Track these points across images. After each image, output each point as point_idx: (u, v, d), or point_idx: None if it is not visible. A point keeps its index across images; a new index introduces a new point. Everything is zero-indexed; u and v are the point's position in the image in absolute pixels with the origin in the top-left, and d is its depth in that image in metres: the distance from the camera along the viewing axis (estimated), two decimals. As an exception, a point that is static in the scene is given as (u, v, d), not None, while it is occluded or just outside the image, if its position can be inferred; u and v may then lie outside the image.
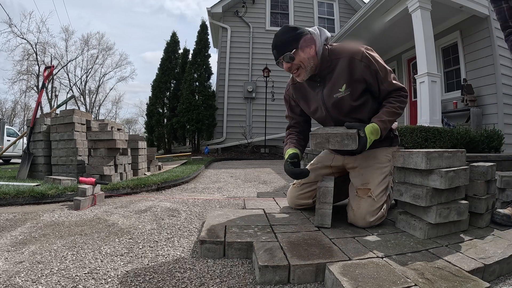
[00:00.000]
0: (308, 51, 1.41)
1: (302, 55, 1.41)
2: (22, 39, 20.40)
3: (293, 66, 1.43)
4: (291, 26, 1.44)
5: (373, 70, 1.42)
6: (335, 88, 1.46)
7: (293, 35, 1.40)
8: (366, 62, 1.42)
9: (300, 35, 1.41)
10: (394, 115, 1.43)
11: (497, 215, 1.38)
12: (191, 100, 8.23)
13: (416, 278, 0.88)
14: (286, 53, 1.40)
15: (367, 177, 1.47)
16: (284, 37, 1.40)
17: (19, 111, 28.38)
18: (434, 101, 4.13)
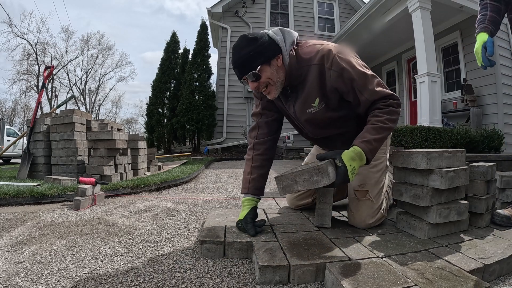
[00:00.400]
0: (274, 63, 1.21)
1: (268, 71, 1.21)
2: (22, 39, 20.42)
3: (260, 84, 1.23)
4: (250, 37, 1.20)
5: (347, 79, 1.19)
6: (308, 102, 1.26)
7: (254, 48, 1.17)
8: (337, 69, 1.18)
9: (263, 46, 1.18)
10: (383, 131, 1.16)
11: (497, 216, 1.38)
12: (191, 100, 8.23)
13: (416, 278, 0.88)
14: (250, 72, 1.19)
15: (363, 177, 1.40)
16: (244, 52, 1.18)
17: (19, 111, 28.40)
18: (434, 101, 4.13)
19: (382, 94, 1.20)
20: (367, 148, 1.13)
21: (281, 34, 1.24)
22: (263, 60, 1.19)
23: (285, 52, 1.23)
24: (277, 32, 1.24)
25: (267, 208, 1.77)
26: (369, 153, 1.14)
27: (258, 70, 1.19)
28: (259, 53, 1.18)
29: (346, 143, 1.25)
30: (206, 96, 8.34)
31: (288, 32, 1.27)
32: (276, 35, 1.23)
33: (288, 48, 1.24)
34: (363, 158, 1.14)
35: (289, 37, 1.26)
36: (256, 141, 1.44)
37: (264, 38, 1.21)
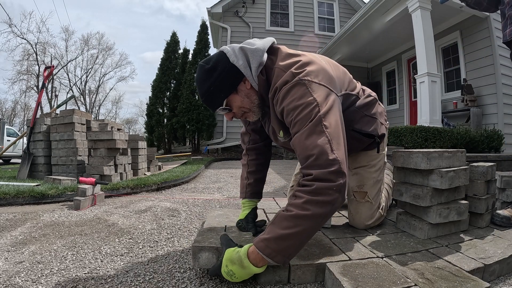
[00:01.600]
0: (242, 89, 1.07)
1: (238, 99, 1.08)
2: (22, 39, 20.45)
3: (236, 115, 1.13)
4: (207, 67, 1.05)
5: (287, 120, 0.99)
6: (276, 131, 1.15)
7: (213, 81, 1.04)
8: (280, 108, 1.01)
9: (221, 76, 1.04)
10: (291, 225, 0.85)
11: (497, 216, 1.38)
12: (191, 100, 8.23)
13: (416, 278, 0.88)
14: (218, 108, 1.09)
15: (361, 178, 1.37)
16: (205, 87, 1.05)
17: (19, 111, 28.41)
18: (434, 101, 4.13)
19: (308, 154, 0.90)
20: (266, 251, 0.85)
21: (243, 57, 1.05)
22: (227, 92, 1.06)
23: (250, 78, 1.06)
24: (238, 55, 1.05)
25: (267, 208, 1.77)
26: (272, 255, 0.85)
27: (225, 104, 1.08)
28: (220, 86, 1.05)
29: None
30: (206, 96, 8.34)
31: (253, 51, 1.05)
32: (237, 59, 1.04)
33: (255, 72, 1.05)
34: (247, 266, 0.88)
35: (254, 59, 1.05)
36: (248, 147, 1.40)
37: (223, 66, 1.04)
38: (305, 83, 0.96)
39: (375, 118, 1.29)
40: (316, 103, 0.93)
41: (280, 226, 0.86)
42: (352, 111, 1.21)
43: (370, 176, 1.37)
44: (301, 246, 0.89)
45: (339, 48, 7.19)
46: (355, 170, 1.40)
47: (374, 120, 1.28)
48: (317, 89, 0.96)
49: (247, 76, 1.06)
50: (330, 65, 1.12)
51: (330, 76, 1.04)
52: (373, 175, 1.37)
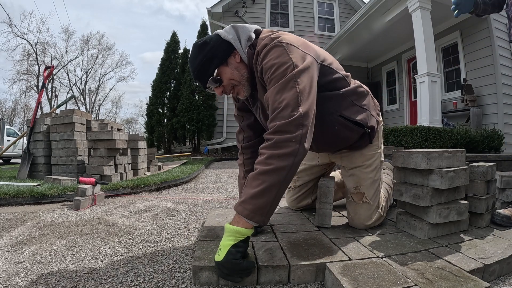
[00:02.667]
0: (232, 61, 1.13)
1: (228, 71, 1.13)
2: (22, 39, 20.44)
3: (225, 88, 1.16)
4: (200, 43, 1.12)
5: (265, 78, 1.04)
6: (264, 108, 1.15)
7: (206, 53, 1.10)
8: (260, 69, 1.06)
9: (214, 48, 1.10)
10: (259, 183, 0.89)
11: (497, 216, 1.38)
12: (191, 100, 8.23)
13: (416, 278, 0.88)
14: (210, 78, 1.11)
15: (358, 179, 1.36)
16: (198, 61, 1.11)
17: (19, 111, 28.41)
18: (434, 101, 4.13)
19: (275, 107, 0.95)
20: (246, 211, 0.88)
21: (234, 32, 1.14)
22: (217, 62, 1.11)
23: (240, 50, 1.12)
24: (229, 31, 1.14)
25: (267, 208, 1.77)
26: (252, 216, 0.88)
27: (216, 74, 1.12)
28: (212, 56, 1.10)
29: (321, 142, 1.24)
30: (206, 96, 8.35)
31: (242, 27, 1.15)
32: (227, 34, 1.13)
33: (245, 45, 1.12)
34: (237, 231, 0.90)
35: (243, 33, 1.13)
36: (243, 145, 1.39)
37: (215, 40, 1.12)
38: (283, 45, 1.03)
39: (365, 109, 1.28)
40: (291, 62, 0.99)
41: (250, 186, 0.90)
42: (339, 95, 1.20)
43: (366, 176, 1.36)
44: (275, 202, 0.91)
45: (339, 48, 7.19)
46: (351, 171, 1.40)
47: (364, 111, 1.27)
48: (294, 51, 1.03)
49: (237, 48, 1.12)
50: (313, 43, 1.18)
51: (307, 44, 1.11)
52: (369, 175, 1.36)
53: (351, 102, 1.23)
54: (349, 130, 1.24)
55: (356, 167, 1.37)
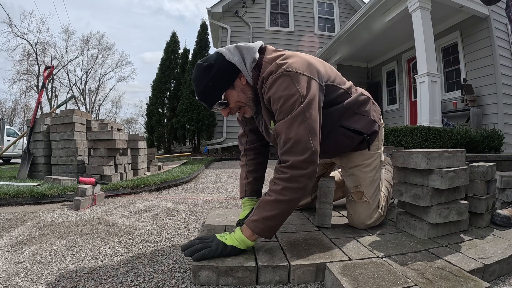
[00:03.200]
0: (238, 84, 1.14)
1: (235, 94, 1.14)
2: (22, 39, 20.45)
3: (232, 110, 1.19)
4: (205, 65, 1.11)
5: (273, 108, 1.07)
6: (267, 123, 1.20)
7: (212, 77, 1.10)
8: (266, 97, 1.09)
9: (220, 72, 1.10)
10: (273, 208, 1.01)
11: (497, 216, 1.38)
12: (191, 100, 8.23)
13: (416, 278, 0.88)
14: (216, 102, 1.13)
15: (357, 178, 1.37)
16: (203, 84, 1.11)
17: (19, 111, 28.42)
18: (434, 101, 4.14)
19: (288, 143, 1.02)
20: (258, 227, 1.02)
21: (238, 54, 1.13)
22: (224, 86, 1.12)
23: (245, 72, 1.13)
24: (233, 52, 1.13)
25: (267, 208, 1.77)
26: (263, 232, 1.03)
27: (223, 98, 1.14)
28: (218, 80, 1.11)
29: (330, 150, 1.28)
30: (206, 96, 8.33)
31: (247, 48, 1.14)
32: (232, 56, 1.12)
33: (250, 67, 1.13)
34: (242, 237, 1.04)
35: (248, 55, 1.13)
36: (246, 148, 1.42)
37: (220, 63, 1.11)
38: (289, 74, 1.05)
39: (366, 116, 1.31)
40: (298, 94, 1.03)
41: (264, 209, 1.02)
42: (341, 108, 1.24)
43: (365, 175, 1.36)
44: (282, 222, 1.07)
45: (339, 48, 7.19)
46: (350, 171, 1.40)
47: (365, 118, 1.30)
48: (301, 80, 1.05)
49: (243, 71, 1.13)
50: (314, 59, 1.19)
51: (312, 66, 1.12)
52: (369, 174, 1.36)
53: (352, 112, 1.27)
54: (349, 139, 1.28)
55: (355, 166, 1.38)
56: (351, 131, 1.26)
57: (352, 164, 1.39)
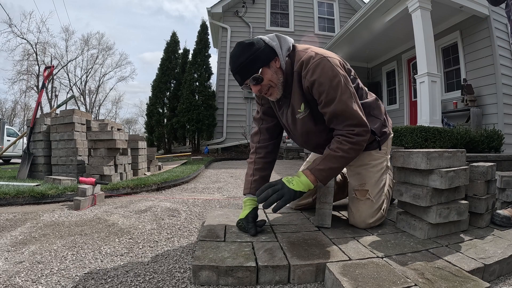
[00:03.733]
0: (273, 65, 1.25)
1: (269, 73, 1.24)
2: (22, 39, 20.40)
3: (263, 87, 1.26)
4: (247, 42, 1.24)
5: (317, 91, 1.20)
6: (295, 107, 1.30)
7: (253, 53, 1.21)
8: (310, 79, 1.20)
9: (260, 50, 1.22)
10: (342, 161, 1.20)
11: (497, 216, 1.38)
12: (191, 100, 8.23)
13: (416, 278, 0.88)
14: (253, 75, 1.21)
15: (363, 177, 1.40)
16: (243, 58, 1.21)
17: (19, 111, 28.40)
18: (434, 101, 4.13)
19: (349, 116, 1.20)
20: (321, 176, 1.21)
21: (277, 41, 1.28)
22: (262, 63, 1.22)
23: (281, 57, 1.26)
24: (273, 38, 1.27)
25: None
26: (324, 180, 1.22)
27: (260, 72, 1.22)
28: (258, 57, 1.21)
29: None
30: (206, 96, 8.35)
31: (284, 38, 1.29)
32: (272, 41, 1.26)
33: (285, 54, 1.27)
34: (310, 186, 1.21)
35: (284, 44, 1.28)
36: (258, 145, 1.48)
37: (261, 44, 1.24)
38: (328, 59, 1.21)
39: (378, 119, 1.42)
40: (341, 76, 1.20)
41: (330, 162, 1.21)
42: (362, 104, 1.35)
43: (371, 175, 1.40)
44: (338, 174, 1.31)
45: (339, 48, 7.18)
46: (357, 170, 1.44)
47: (378, 121, 1.41)
48: (338, 64, 1.23)
49: (279, 55, 1.26)
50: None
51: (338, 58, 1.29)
52: (375, 174, 1.40)
53: (368, 112, 1.37)
54: None
55: (362, 165, 1.42)
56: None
57: (359, 163, 1.43)
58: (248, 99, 8.65)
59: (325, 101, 1.20)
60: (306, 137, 1.38)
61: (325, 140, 1.33)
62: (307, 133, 1.35)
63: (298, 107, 1.29)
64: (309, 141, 1.41)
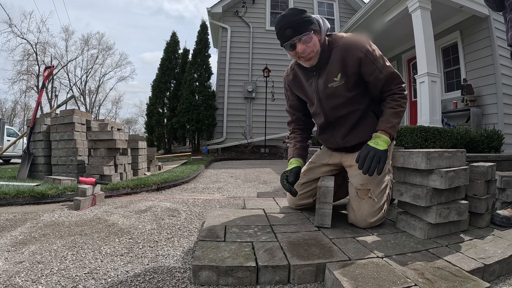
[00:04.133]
0: (318, 34, 1.40)
1: (315, 38, 1.38)
2: (22, 39, 20.38)
3: (307, 48, 1.37)
4: (299, 8, 1.39)
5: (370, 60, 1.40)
6: (331, 77, 1.45)
7: (308, 16, 1.37)
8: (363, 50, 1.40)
9: (311, 18, 1.39)
10: (402, 114, 1.44)
11: (497, 216, 1.38)
12: (191, 100, 8.23)
13: (416, 278, 0.88)
14: (305, 32, 1.35)
15: (365, 177, 1.41)
16: (296, 18, 1.34)
17: (19, 111, 28.39)
18: (434, 101, 4.13)
19: (396, 77, 1.44)
20: (393, 132, 1.40)
21: (321, 20, 1.45)
22: (313, 27, 1.37)
23: (323, 33, 1.43)
24: (318, 18, 1.44)
25: (267, 208, 1.77)
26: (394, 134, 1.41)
27: (312, 32, 1.37)
28: (311, 21, 1.37)
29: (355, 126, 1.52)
30: (206, 96, 8.35)
31: (325, 20, 1.47)
32: (318, 18, 1.44)
33: (324, 32, 1.43)
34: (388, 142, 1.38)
35: (325, 24, 1.46)
36: (293, 129, 1.77)
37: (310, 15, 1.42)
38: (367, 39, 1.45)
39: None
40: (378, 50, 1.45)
41: (394, 118, 1.40)
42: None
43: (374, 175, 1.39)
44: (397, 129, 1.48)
45: (339, 48, 7.17)
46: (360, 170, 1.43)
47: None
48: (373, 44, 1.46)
49: (322, 31, 1.42)
50: None
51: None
52: (378, 176, 1.41)
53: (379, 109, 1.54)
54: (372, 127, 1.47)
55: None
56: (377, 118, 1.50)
57: None
58: (248, 99, 8.66)
59: (378, 69, 1.40)
60: (332, 106, 1.52)
61: (347, 112, 1.51)
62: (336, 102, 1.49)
63: (335, 76, 1.44)
64: (333, 110, 1.54)
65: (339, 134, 1.57)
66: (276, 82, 8.56)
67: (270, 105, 8.57)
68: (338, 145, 1.61)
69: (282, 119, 8.68)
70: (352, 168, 1.52)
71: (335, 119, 1.56)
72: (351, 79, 1.44)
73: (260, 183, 3.43)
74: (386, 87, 1.45)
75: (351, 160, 1.53)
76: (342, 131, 1.56)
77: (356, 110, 1.50)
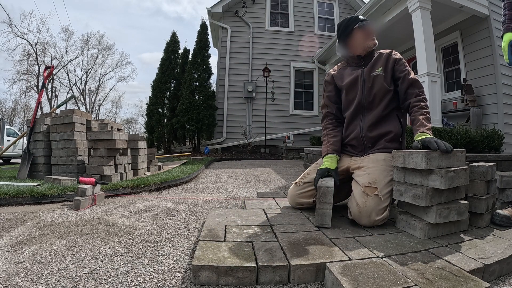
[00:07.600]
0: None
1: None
2: (22, 39, 20.41)
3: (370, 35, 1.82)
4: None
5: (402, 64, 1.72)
6: (374, 68, 1.74)
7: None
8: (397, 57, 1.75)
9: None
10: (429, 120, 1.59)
11: (497, 216, 1.38)
12: (191, 100, 8.23)
13: (416, 278, 0.88)
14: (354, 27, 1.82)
15: (374, 176, 1.46)
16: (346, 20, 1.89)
17: (19, 111, 28.39)
18: (434, 101, 4.13)
19: (419, 83, 1.67)
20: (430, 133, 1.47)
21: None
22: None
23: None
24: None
25: (267, 208, 1.77)
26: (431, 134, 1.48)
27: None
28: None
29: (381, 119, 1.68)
30: (206, 96, 8.34)
31: None
32: None
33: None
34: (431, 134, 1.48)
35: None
36: (326, 124, 1.87)
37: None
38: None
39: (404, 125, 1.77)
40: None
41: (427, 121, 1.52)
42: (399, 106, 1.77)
43: (383, 177, 1.46)
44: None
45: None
46: (369, 170, 1.51)
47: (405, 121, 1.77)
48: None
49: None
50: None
51: None
52: (387, 178, 1.46)
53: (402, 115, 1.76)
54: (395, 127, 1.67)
55: (375, 167, 1.51)
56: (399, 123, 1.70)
57: (372, 165, 1.52)
58: (248, 99, 8.66)
59: (408, 71, 1.68)
60: (370, 86, 1.70)
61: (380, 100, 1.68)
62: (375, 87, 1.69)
63: (377, 68, 1.72)
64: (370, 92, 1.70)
65: (366, 120, 1.71)
66: (276, 82, 8.56)
67: (270, 105, 8.56)
68: (361, 133, 1.70)
69: (282, 119, 8.68)
70: (361, 169, 1.57)
71: (369, 103, 1.71)
72: (388, 74, 1.70)
73: (260, 183, 3.43)
74: (411, 89, 1.65)
75: (360, 162, 1.61)
76: (370, 118, 1.70)
77: (386, 105, 1.68)
